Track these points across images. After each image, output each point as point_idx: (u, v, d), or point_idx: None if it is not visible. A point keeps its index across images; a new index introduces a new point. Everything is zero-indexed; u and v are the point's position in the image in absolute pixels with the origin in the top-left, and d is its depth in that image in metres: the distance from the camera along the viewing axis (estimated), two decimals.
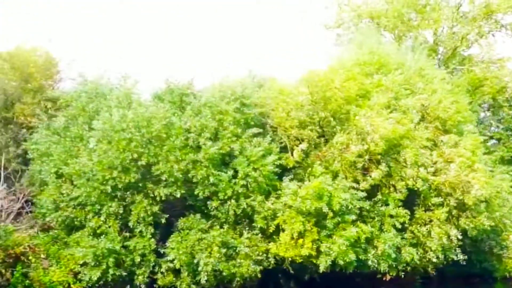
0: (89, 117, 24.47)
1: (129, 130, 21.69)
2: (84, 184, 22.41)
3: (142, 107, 22.18)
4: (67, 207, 23.06)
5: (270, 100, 23.14)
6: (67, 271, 22.09)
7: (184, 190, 21.62)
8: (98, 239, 22.08)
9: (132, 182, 21.83)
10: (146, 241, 22.04)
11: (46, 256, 22.39)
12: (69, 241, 22.95)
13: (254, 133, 21.89)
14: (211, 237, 20.94)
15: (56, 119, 25.87)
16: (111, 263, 21.36)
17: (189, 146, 21.34)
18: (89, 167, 22.29)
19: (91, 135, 23.46)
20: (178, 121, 21.38)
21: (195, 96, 22.46)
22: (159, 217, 22.23)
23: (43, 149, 25.43)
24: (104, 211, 22.31)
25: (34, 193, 25.37)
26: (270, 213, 21.00)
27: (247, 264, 20.81)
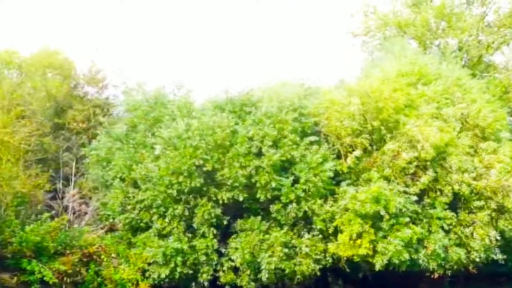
0: (150, 125, 26.10)
1: (194, 138, 23.28)
2: (150, 188, 24.02)
3: (206, 117, 23.73)
4: (133, 209, 24.67)
5: (323, 110, 24.71)
6: (135, 269, 23.66)
7: (246, 194, 23.21)
8: (164, 239, 23.74)
9: (196, 186, 23.42)
10: (208, 241, 23.62)
11: (115, 256, 23.97)
12: (135, 241, 24.57)
13: (311, 141, 23.51)
14: (274, 238, 22.53)
15: (116, 126, 27.48)
16: (179, 262, 22.95)
17: (252, 153, 22.92)
18: (156, 172, 23.87)
19: (155, 142, 25.12)
20: (242, 129, 22.96)
21: (255, 106, 24.01)
22: (221, 219, 23.82)
23: (103, 155, 27.06)
24: (169, 213, 23.89)
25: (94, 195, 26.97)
26: (329, 215, 22.60)
27: (307, 263, 22.43)
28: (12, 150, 23.02)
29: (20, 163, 23.46)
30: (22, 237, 21.54)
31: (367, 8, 45.83)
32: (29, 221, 22.50)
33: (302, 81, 26.73)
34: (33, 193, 23.20)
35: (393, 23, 42.86)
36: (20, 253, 21.58)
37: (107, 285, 23.09)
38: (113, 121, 29.39)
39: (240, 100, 24.34)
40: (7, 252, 21.51)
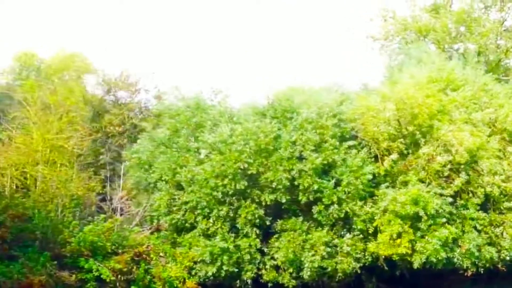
0: (192, 130, 27.28)
1: (239, 143, 24.47)
2: (195, 190, 25.22)
3: (249, 122, 24.93)
4: (179, 210, 25.87)
5: (358, 115, 25.90)
6: (182, 267, 24.83)
7: (289, 196, 24.42)
8: (209, 239, 24.96)
9: (240, 189, 24.61)
10: (251, 240, 24.82)
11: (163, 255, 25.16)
12: (180, 241, 25.78)
13: (350, 145, 24.72)
14: (316, 238, 23.74)
15: (159, 130, 28.68)
16: (225, 260, 24.16)
17: (295, 157, 24.12)
18: (201, 175, 25.07)
19: (198, 146, 26.34)
20: (286, 135, 24.16)
21: (296, 112, 25.19)
22: (263, 220, 25.01)
23: (145, 158, 28.28)
24: (214, 214, 25.10)
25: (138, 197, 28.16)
26: (368, 216, 23.80)
27: (348, 261, 23.65)
28: (66, 155, 24.21)
29: (74, 166, 24.65)
30: (80, 237, 22.75)
31: (385, 13, 47.18)
32: (85, 222, 23.70)
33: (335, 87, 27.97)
34: (87, 195, 24.38)
35: (413, 28, 44.03)
36: (77, 252, 22.78)
37: (156, 282, 24.24)
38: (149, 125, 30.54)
39: (281, 106, 25.48)
40: (66, 251, 22.71)
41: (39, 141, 23.59)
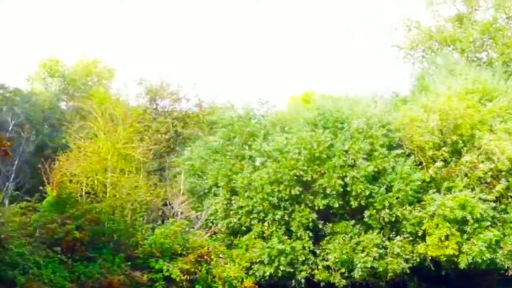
0: (245, 138, 29.01)
1: (293, 151, 26.22)
2: (252, 196, 26.96)
3: (303, 132, 26.68)
4: (235, 214, 27.61)
5: (403, 125, 27.64)
6: (240, 268, 26.58)
7: (341, 201, 26.16)
8: (265, 242, 26.69)
9: (295, 194, 26.35)
10: (305, 242, 26.56)
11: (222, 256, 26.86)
12: (236, 243, 27.51)
13: (398, 154, 26.47)
14: (368, 240, 25.47)
15: (211, 138, 30.44)
16: (282, 261, 25.90)
17: (347, 165, 25.86)
18: (258, 182, 26.79)
19: (252, 154, 28.09)
20: (339, 144, 25.91)
21: (347, 123, 26.93)
22: (315, 223, 26.73)
23: (198, 165, 30.05)
24: (269, 218, 26.84)
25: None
26: (417, 220, 25.53)
27: (398, 262, 25.37)
28: (133, 163, 25.97)
29: (140, 173, 26.41)
30: (152, 240, 24.50)
31: (409, 23, 49.00)
32: (154, 225, 25.45)
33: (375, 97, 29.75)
34: (154, 200, 26.13)
35: (438, 38, 45.78)
36: (148, 253, 24.52)
37: (217, 282, 25.94)
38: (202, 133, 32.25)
39: (333, 117, 27.20)
40: (138, 252, 24.45)
41: (108, 150, 25.30)
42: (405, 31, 49.11)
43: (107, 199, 25.03)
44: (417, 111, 28.04)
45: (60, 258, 22.28)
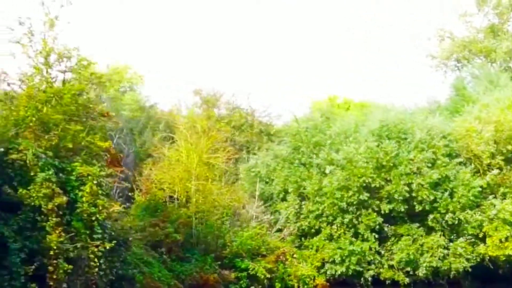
0: (311, 148, 31.42)
1: (362, 160, 28.65)
2: (322, 201, 29.41)
3: (369, 142, 29.10)
4: (306, 218, 30.04)
5: (460, 135, 30.05)
6: (312, 267, 29.03)
7: (406, 206, 28.58)
8: (334, 243, 29.13)
9: (363, 199, 28.77)
10: (371, 244, 29.01)
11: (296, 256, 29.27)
12: (307, 244, 29.95)
13: (458, 162, 28.91)
14: (433, 241, 27.90)
15: (277, 147, 32.89)
16: (353, 261, 28.35)
17: (413, 172, 28.29)
18: (328, 188, 29.22)
19: (319, 163, 30.51)
20: (405, 153, 28.35)
21: (410, 133, 29.37)
22: (381, 226, 29.14)
23: (264, 172, 32.52)
24: (337, 221, 29.29)
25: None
26: (477, 223, 27.95)
27: (461, 262, 27.78)
28: (216, 171, 28.44)
29: (222, 180, 28.87)
30: (239, 241, 26.97)
31: (442, 33, 51.53)
32: (237, 228, 27.93)
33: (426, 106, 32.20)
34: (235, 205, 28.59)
35: (473, 48, 48.25)
36: (234, 254, 26.98)
37: (292, 280, 28.35)
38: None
39: (397, 128, 29.63)
40: (225, 253, 26.91)
41: (194, 159, 27.75)
42: (438, 41, 51.91)
43: (192, 205, 27.44)
44: (471, 122, 30.39)
45: (163, 258, 24.73)
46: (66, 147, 18.84)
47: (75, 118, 18.95)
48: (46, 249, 17.51)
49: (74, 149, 19.05)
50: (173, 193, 28.22)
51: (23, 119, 18.24)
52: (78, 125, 19.02)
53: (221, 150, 29.03)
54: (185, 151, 27.95)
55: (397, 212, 29.06)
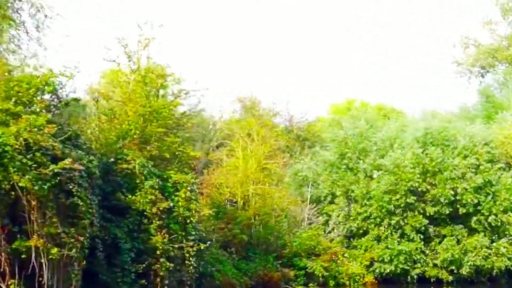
0: (358, 153, 33.37)
1: (409, 166, 30.60)
2: (371, 204, 31.38)
3: (415, 148, 31.05)
4: (354, 220, 32.01)
5: (499, 142, 32.00)
6: (362, 266, 31.00)
7: (451, 208, 30.54)
8: (382, 243, 31.10)
9: (410, 202, 30.73)
10: (417, 244, 30.97)
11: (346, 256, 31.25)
12: (355, 244, 31.91)
13: (499, 167, 30.87)
14: (477, 242, 29.85)
15: (323, 153, 34.85)
16: (401, 260, 30.32)
17: (458, 177, 30.25)
18: (376, 191, 31.18)
19: (365, 168, 32.47)
20: (450, 159, 30.31)
21: (454, 140, 31.33)
22: (426, 227, 31.09)
23: (311, 176, 34.48)
24: (385, 222, 31.26)
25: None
26: None
27: (503, 261, 29.75)
28: (273, 176, 30.44)
29: (278, 185, 30.86)
30: (298, 241, 28.99)
31: (467, 40, 53.52)
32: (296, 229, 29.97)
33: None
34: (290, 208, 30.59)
35: (499, 56, 50.21)
36: (293, 253, 28.99)
37: (344, 277, 30.34)
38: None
39: (440, 135, 31.59)
40: (285, 253, 28.92)
41: (253, 165, 29.73)
42: (463, 48, 53.86)
43: (251, 207, 29.42)
44: (509, 129, 32.34)
45: (232, 257, 26.73)
46: (163, 156, 20.79)
47: (170, 130, 20.89)
48: (151, 249, 19.52)
49: (169, 158, 21.00)
50: (232, 196, 30.17)
51: (126, 132, 20.19)
52: (172, 136, 20.97)
53: (277, 156, 30.94)
54: (243, 157, 29.91)
55: (441, 214, 30.98)
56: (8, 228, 15.94)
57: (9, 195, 15.72)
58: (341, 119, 38.62)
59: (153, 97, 20.80)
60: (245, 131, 30.49)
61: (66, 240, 16.58)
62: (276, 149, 31.51)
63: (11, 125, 15.87)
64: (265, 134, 30.47)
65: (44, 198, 16.07)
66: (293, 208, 30.69)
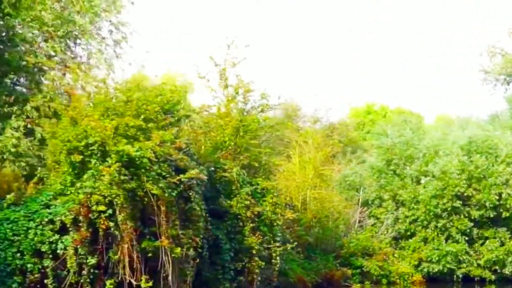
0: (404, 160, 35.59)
1: (456, 173, 32.81)
2: (418, 207, 33.60)
3: (460, 156, 33.27)
4: (402, 223, 34.22)
5: None
6: (410, 265, 33.23)
7: (495, 212, 32.76)
8: (428, 244, 33.33)
9: (456, 206, 32.93)
10: (461, 245, 33.18)
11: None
12: (403, 245, 34.11)
13: None
14: None
15: (371, 159, 37.10)
16: (449, 260, 32.53)
17: (502, 183, 32.46)
18: (423, 196, 33.39)
19: (412, 174, 34.69)
20: (495, 166, 32.52)
21: (495, 148, 33.55)
22: (471, 230, 33.30)
23: (358, 180, 36.72)
24: (432, 225, 33.48)
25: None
26: None
27: None
28: (329, 181, 32.70)
29: (334, 189, 33.13)
30: (355, 242, 31.26)
31: (493, 49, 55.73)
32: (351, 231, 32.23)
33: None
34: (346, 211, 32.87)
35: None
36: (350, 253, 31.24)
37: (394, 276, 32.57)
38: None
39: (484, 144, 33.81)
40: (342, 253, 31.17)
41: (310, 171, 31.98)
42: (489, 57, 56.08)
43: (310, 211, 31.67)
44: None
45: (298, 257, 28.96)
46: (252, 165, 23.03)
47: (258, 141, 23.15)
48: (246, 249, 21.75)
49: (256, 166, 23.25)
50: (290, 201, 32.38)
51: (221, 143, 22.44)
52: (260, 147, 23.23)
53: (331, 162, 33.19)
54: (300, 163, 32.19)
55: (484, 217, 33.20)
56: (140, 230, 18.17)
57: (142, 201, 17.96)
58: (381, 126, 40.97)
59: (243, 111, 22.99)
60: (302, 138, 32.68)
61: (184, 241, 18.81)
62: (331, 156, 33.69)
63: (141, 139, 18.11)
64: (321, 141, 32.66)
65: (170, 204, 18.30)
66: (346, 211, 32.81)
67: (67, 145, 17.59)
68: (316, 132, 33.65)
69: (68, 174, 17.77)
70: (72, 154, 17.57)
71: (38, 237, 17.24)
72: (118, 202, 17.17)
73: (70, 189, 17.68)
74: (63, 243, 17.33)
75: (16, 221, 17.32)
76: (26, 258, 17.07)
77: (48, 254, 17.30)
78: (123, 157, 17.35)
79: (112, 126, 17.34)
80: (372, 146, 38.20)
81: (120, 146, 17.18)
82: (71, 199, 17.48)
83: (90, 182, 17.39)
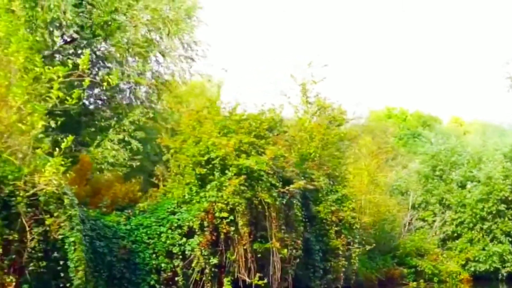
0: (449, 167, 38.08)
1: (501, 178, 35.28)
2: (464, 210, 36.07)
3: (505, 162, 35.76)
4: (450, 225, 36.69)
5: None
6: (458, 265, 35.69)
7: None
8: (474, 245, 35.80)
9: (500, 210, 35.40)
10: (506, 246, 35.65)
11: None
12: (450, 246, 36.57)
13: None
14: None
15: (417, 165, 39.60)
16: (495, 259, 35.00)
17: None
18: (470, 200, 35.86)
19: (457, 179, 37.18)
20: None
21: None
22: None
23: (404, 185, 39.23)
24: (477, 227, 35.96)
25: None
26: None
27: None
28: (382, 187, 35.21)
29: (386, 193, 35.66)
30: (410, 243, 33.77)
31: None
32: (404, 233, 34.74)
33: None
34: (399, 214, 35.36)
35: None
36: (405, 254, 33.72)
37: (444, 275, 35.03)
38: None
39: None
40: (398, 253, 33.66)
41: (366, 178, 34.46)
42: None
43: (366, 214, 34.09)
44: None
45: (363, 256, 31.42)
46: (332, 174, 25.53)
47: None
48: (332, 250, 24.25)
49: (335, 175, 25.75)
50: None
51: (307, 155, 24.94)
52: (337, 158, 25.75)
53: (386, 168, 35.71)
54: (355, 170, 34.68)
55: None
56: (254, 234, 20.67)
57: (256, 208, 20.46)
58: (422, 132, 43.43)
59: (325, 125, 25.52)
60: (358, 147, 35.18)
61: (288, 243, 21.31)
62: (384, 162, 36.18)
63: (253, 154, 20.61)
64: (376, 149, 35.16)
65: (278, 210, 20.80)
66: (399, 214, 35.30)
67: (192, 160, 20.07)
68: (369, 141, 36.03)
69: (193, 185, 20.23)
70: (196, 167, 20.05)
71: (170, 240, 19.67)
72: (239, 210, 19.65)
73: (196, 198, 20.14)
74: (190, 245, 19.76)
75: (150, 226, 19.75)
76: (160, 259, 19.48)
77: (178, 255, 19.73)
78: (242, 170, 19.82)
79: (233, 143, 19.80)
80: (409, 153, 40.62)
81: (241, 160, 19.65)
82: (197, 206, 19.94)
83: (214, 192, 19.86)
